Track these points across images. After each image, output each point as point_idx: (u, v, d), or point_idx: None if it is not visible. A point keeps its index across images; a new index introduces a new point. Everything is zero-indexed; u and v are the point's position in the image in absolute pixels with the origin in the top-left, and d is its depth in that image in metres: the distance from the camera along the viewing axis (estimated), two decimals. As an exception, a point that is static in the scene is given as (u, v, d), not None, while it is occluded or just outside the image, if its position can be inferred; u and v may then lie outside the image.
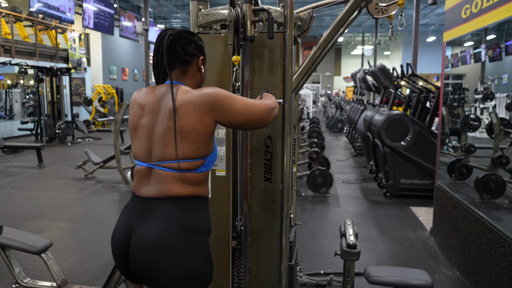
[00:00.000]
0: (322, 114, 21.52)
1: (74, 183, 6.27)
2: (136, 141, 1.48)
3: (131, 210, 1.45)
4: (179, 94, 1.40)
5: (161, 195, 1.40)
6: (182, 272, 1.35)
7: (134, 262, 1.38)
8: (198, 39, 1.53)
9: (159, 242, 1.34)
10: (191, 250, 1.37)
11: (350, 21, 1.98)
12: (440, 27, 20.78)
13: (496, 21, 2.79)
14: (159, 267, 1.34)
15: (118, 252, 1.44)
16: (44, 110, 10.95)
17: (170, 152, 1.39)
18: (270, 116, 1.51)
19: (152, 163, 1.42)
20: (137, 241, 1.37)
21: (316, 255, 3.54)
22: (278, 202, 2.00)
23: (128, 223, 1.43)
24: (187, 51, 1.47)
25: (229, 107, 1.41)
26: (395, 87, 6.53)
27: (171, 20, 23.15)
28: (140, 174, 1.46)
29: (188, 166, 1.40)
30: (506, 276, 2.48)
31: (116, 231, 1.46)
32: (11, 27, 11.62)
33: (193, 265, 1.37)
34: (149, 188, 1.42)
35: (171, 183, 1.40)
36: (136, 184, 1.47)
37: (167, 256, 1.34)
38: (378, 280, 1.99)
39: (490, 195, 3.80)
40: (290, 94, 1.96)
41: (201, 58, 1.53)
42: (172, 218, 1.37)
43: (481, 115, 9.07)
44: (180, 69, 1.48)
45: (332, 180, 5.52)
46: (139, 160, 1.46)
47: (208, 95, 1.39)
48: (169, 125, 1.39)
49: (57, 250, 3.58)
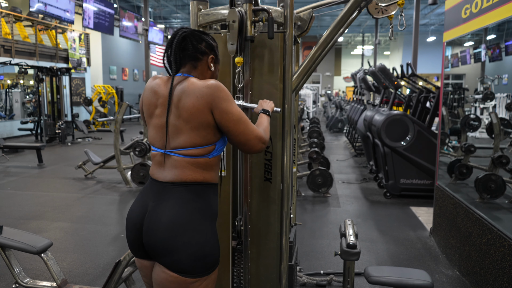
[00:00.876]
0: (322, 114, 21.52)
1: (74, 183, 6.27)
2: (152, 129, 1.57)
3: (148, 192, 1.56)
4: (188, 85, 1.48)
5: (175, 179, 1.50)
6: (193, 249, 1.45)
7: (148, 238, 1.48)
8: (211, 39, 1.60)
9: (173, 221, 1.45)
10: (201, 231, 1.48)
11: (350, 21, 1.98)
12: (440, 27, 20.77)
13: (496, 21, 2.79)
14: (172, 244, 1.44)
15: (133, 230, 1.54)
16: (44, 110, 10.95)
17: (182, 140, 1.49)
18: (256, 145, 1.54)
19: (168, 150, 1.51)
20: (152, 220, 1.48)
21: (316, 255, 3.54)
22: (278, 202, 2.00)
23: (144, 203, 1.53)
24: (197, 48, 1.54)
25: (226, 106, 1.47)
26: (395, 87, 6.53)
27: (171, 20, 23.14)
28: (156, 159, 1.56)
29: (200, 152, 1.50)
30: (506, 276, 2.48)
31: (132, 211, 1.57)
32: (11, 27, 11.61)
33: (203, 244, 1.47)
34: (165, 173, 1.52)
35: (185, 168, 1.49)
36: (153, 168, 1.58)
37: (180, 234, 1.44)
38: (378, 280, 2.00)
39: (490, 195, 3.80)
40: (290, 94, 1.96)
41: (211, 57, 1.58)
42: (185, 201, 1.48)
43: (481, 115, 9.06)
44: (190, 64, 1.56)
45: (332, 180, 5.52)
46: (156, 146, 1.56)
47: (211, 87, 1.46)
48: (181, 118, 1.47)
49: (57, 250, 3.58)
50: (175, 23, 23.70)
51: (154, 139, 1.56)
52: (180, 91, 1.48)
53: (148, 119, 1.59)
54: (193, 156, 1.49)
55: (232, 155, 2.02)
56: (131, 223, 1.56)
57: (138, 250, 1.56)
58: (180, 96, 1.48)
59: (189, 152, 1.49)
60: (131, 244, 1.58)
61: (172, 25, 23.65)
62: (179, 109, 1.47)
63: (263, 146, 1.57)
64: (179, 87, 1.50)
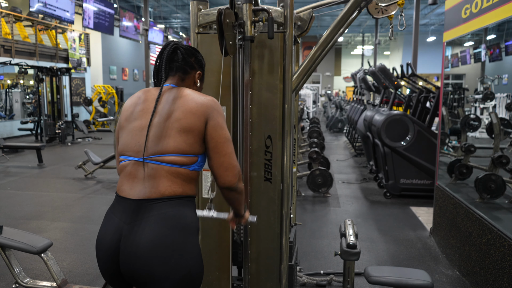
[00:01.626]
0: (322, 114, 21.51)
1: (74, 183, 6.27)
2: (127, 134, 1.45)
3: (118, 212, 1.40)
4: (183, 93, 1.46)
5: (152, 195, 1.36)
6: (181, 273, 1.34)
7: (128, 267, 1.33)
8: (200, 56, 1.59)
9: (156, 245, 1.31)
10: (187, 251, 1.36)
11: (350, 21, 1.98)
12: (440, 27, 20.77)
13: (496, 21, 2.79)
14: (158, 271, 1.31)
15: (107, 258, 1.38)
16: (44, 110, 10.95)
17: (166, 145, 1.38)
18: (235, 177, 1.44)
19: (145, 157, 1.39)
20: (131, 245, 1.33)
21: (316, 255, 3.54)
22: (278, 202, 2.00)
23: (116, 227, 1.37)
24: (187, 61, 1.53)
25: (222, 121, 1.45)
26: (395, 87, 6.53)
27: (171, 20, 23.14)
28: (127, 171, 1.42)
29: (183, 161, 1.40)
30: (506, 276, 2.48)
31: (103, 236, 1.40)
32: (11, 27, 11.61)
33: (190, 266, 1.36)
34: (138, 187, 1.38)
35: (164, 178, 1.37)
36: (123, 183, 1.42)
37: (166, 258, 1.32)
38: (378, 280, 1.99)
39: (490, 195, 3.80)
40: (290, 94, 1.96)
41: (199, 72, 1.57)
42: (166, 219, 1.34)
43: (481, 115, 9.06)
44: (178, 76, 1.53)
45: (332, 180, 5.52)
46: (128, 154, 1.43)
47: (211, 100, 1.46)
48: (168, 121, 1.40)
49: (57, 250, 3.57)
50: (175, 23, 23.70)
51: (127, 146, 1.43)
52: (173, 97, 1.44)
53: (125, 123, 1.48)
54: (174, 165, 1.38)
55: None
56: (102, 251, 1.39)
57: (116, 280, 1.41)
58: (174, 100, 1.43)
59: (171, 159, 1.38)
60: (105, 273, 1.42)
61: (172, 25, 23.66)
62: (172, 109, 1.41)
63: (239, 186, 1.47)
64: (171, 94, 1.46)
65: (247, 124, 1.94)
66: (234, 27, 1.80)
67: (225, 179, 1.43)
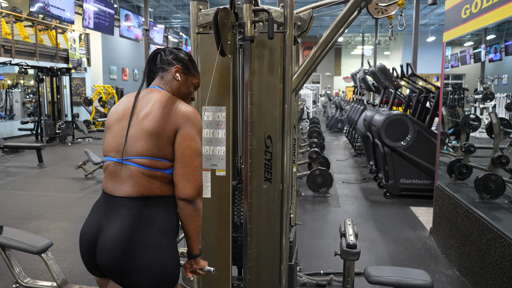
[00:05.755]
0: (322, 114, 21.51)
1: (74, 183, 6.27)
2: (110, 136, 1.51)
3: (101, 207, 1.48)
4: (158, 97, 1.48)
5: (130, 193, 1.41)
6: (152, 271, 1.37)
7: (102, 259, 1.40)
8: (183, 53, 1.59)
9: (129, 240, 1.37)
10: (161, 249, 1.40)
11: (350, 21, 1.98)
12: (440, 27, 20.77)
13: (496, 21, 2.79)
14: (129, 266, 1.36)
15: (86, 248, 1.46)
16: (44, 110, 10.95)
17: (140, 147, 1.42)
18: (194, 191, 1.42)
19: (123, 158, 1.44)
20: (105, 239, 1.39)
21: (316, 255, 3.54)
22: (278, 202, 2.01)
23: (97, 220, 1.45)
24: (164, 59, 1.56)
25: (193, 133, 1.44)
26: (395, 87, 6.53)
27: (171, 20, 23.14)
28: (110, 170, 1.48)
29: (157, 165, 1.42)
30: (506, 276, 2.48)
31: (85, 228, 1.48)
32: (11, 27, 11.62)
33: (163, 264, 1.39)
34: (118, 185, 1.44)
35: (141, 179, 1.41)
36: (106, 181, 1.49)
37: (138, 254, 1.36)
38: (378, 280, 2.00)
39: (490, 195, 3.80)
40: (290, 94, 1.97)
41: (177, 67, 1.55)
42: (142, 217, 1.40)
43: (481, 115, 9.06)
44: (159, 76, 1.57)
45: (332, 180, 5.52)
46: (110, 155, 1.49)
47: (191, 111, 1.46)
48: (143, 124, 1.43)
49: (57, 250, 3.58)
50: (175, 23, 23.70)
51: (109, 146, 1.49)
52: (150, 99, 1.48)
53: (108, 127, 1.53)
54: (149, 168, 1.41)
55: (232, 155, 2.02)
56: (83, 242, 1.46)
57: (93, 269, 1.49)
58: (151, 103, 1.46)
59: (146, 162, 1.41)
60: (86, 263, 1.49)
61: (172, 25, 23.65)
62: (147, 112, 1.44)
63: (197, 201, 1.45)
64: (150, 95, 1.49)
65: (247, 124, 1.94)
66: (234, 27, 1.80)
67: (184, 191, 1.42)
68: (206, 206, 2.01)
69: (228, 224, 2.02)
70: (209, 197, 2.03)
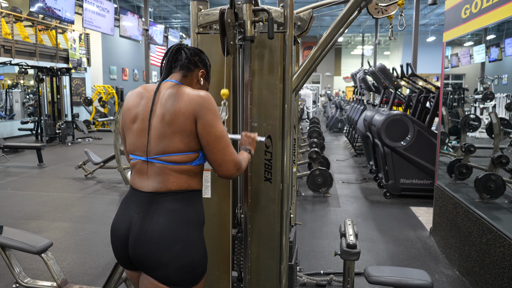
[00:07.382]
0: (322, 114, 21.51)
1: (74, 183, 6.27)
2: (133, 135, 1.52)
3: (130, 203, 1.51)
4: (178, 91, 1.47)
5: (159, 189, 1.46)
6: (182, 262, 1.43)
7: (135, 253, 1.45)
8: (205, 56, 1.62)
9: (161, 234, 1.42)
10: (190, 242, 1.45)
11: (350, 21, 1.98)
12: (440, 27, 20.77)
13: (496, 21, 2.79)
14: (160, 258, 1.42)
15: (118, 243, 1.50)
16: (44, 110, 10.95)
17: (165, 145, 1.45)
18: (231, 170, 1.50)
19: (150, 157, 1.47)
20: (138, 233, 1.44)
21: (316, 255, 3.54)
22: (278, 202, 2.01)
23: (128, 215, 1.49)
24: (190, 59, 1.56)
25: (211, 119, 1.44)
26: (395, 87, 6.53)
27: (171, 20, 23.14)
28: (138, 168, 1.51)
29: (183, 159, 1.46)
30: (506, 276, 2.48)
31: (115, 223, 1.53)
32: (11, 27, 11.61)
33: (192, 256, 1.45)
34: (147, 182, 1.48)
35: (169, 175, 1.46)
36: (134, 178, 1.53)
37: (169, 247, 1.42)
38: (378, 280, 2.00)
39: (490, 195, 3.80)
40: (290, 94, 1.97)
41: (202, 71, 1.59)
42: (171, 212, 1.44)
43: (481, 115, 9.06)
44: (181, 73, 1.56)
45: (332, 180, 5.52)
46: (136, 154, 1.51)
47: (202, 97, 1.45)
48: (162, 123, 1.45)
49: (57, 250, 3.58)
50: (175, 23, 23.70)
51: (134, 146, 1.51)
52: (168, 95, 1.47)
53: (129, 124, 1.54)
54: (176, 163, 1.45)
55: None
56: (115, 236, 1.51)
57: (126, 262, 1.53)
58: (167, 99, 1.46)
59: (172, 159, 1.45)
60: (118, 257, 1.54)
61: (172, 25, 23.65)
62: (164, 111, 1.44)
63: (237, 173, 1.53)
64: (168, 91, 1.48)
65: (247, 124, 1.94)
66: (234, 27, 1.80)
67: (221, 173, 1.52)
68: (206, 206, 2.01)
69: (228, 224, 2.02)
70: (209, 197, 2.03)
